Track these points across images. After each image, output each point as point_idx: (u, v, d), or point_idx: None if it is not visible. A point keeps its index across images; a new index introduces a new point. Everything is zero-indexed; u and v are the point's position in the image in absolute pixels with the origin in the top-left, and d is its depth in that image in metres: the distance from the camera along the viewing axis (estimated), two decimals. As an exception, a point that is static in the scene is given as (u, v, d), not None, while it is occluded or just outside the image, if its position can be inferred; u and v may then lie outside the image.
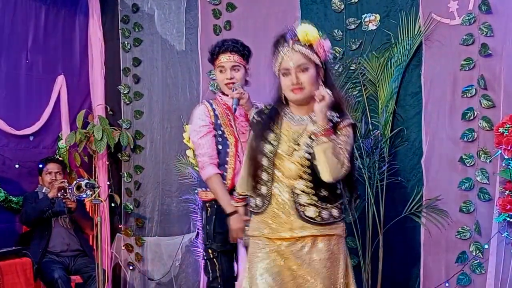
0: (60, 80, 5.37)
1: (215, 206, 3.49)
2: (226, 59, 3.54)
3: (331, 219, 2.72)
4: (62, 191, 4.62)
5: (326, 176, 2.63)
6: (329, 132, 2.60)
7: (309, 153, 2.65)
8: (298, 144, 2.69)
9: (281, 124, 2.76)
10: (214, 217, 3.50)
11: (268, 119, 2.79)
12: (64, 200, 4.63)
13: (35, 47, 5.18)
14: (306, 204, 2.69)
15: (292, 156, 2.69)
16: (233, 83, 3.51)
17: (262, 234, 2.75)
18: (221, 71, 3.56)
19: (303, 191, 2.69)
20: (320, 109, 2.60)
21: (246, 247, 3.03)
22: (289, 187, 2.70)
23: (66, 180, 4.79)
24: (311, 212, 2.69)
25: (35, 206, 4.67)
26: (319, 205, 2.70)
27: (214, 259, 3.48)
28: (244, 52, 3.58)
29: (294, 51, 2.69)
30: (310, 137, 2.66)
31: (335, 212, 2.74)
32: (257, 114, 2.88)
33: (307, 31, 2.71)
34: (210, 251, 3.50)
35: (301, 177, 2.69)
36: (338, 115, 2.72)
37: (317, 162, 2.62)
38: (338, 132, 2.69)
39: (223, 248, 3.49)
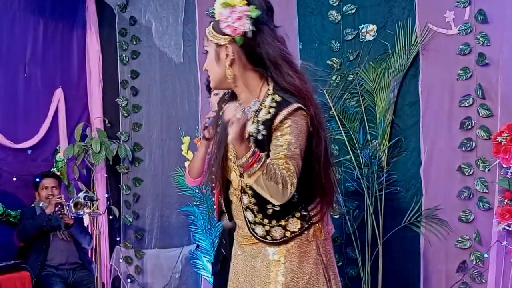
0: (58, 93, 5.38)
1: None
2: None
3: (286, 235, 2.24)
4: (59, 206, 4.60)
5: (274, 202, 2.15)
6: (253, 160, 2.03)
7: None
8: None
9: None
10: None
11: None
12: (61, 216, 4.61)
13: (33, 60, 5.19)
14: (253, 222, 2.27)
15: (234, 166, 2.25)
16: None
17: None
18: None
19: (248, 207, 2.27)
20: (230, 140, 2.04)
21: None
22: (239, 203, 2.31)
23: (62, 196, 4.78)
24: (259, 230, 2.26)
25: (32, 223, 4.65)
26: (266, 223, 2.25)
27: None
28: None
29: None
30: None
31: (292, 226, 2.24)
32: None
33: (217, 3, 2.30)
34: None
35: (244, 191, 2.27)
36: (274, 108, 2.17)
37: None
38: (276, 133, 2.14)
39: None
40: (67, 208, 4.56)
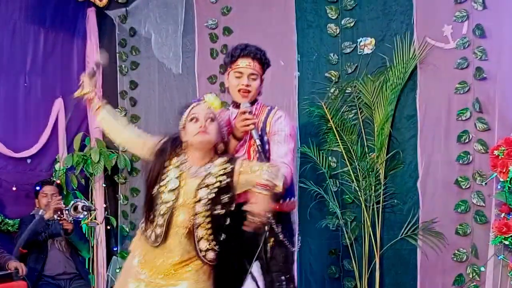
0: (58, 103, 5.40)
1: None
2: (246, 64, 3.24)
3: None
4: (59, 212, 4.61)
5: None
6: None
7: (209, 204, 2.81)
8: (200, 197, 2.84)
9: (176, 171, 2.90)
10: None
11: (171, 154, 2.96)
12: (60, 222, 4.62)
13: (33, 70, 5.22)
14: (206, 250, 2.87)
15: (193, 208, 2.84)
16: (249, 91, 3.25)
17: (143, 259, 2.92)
18: (237, 76, 3.25)
19: (202, 238, 2.86)
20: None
21: None
22: (191, 235, 2.86)
23: (61, 197, 4.79)
24: (210, 255, 2.87)
25: (30, 227, 4.65)
26: (217, 249, 2.89)
27: None
28: (265, 61, 3.31)
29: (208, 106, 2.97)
30: (208, 188, 2.84)
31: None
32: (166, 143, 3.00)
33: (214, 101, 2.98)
34: None
35: (200, 226, 2.86)
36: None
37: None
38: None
39: None
40: (67, 212, 4.56)
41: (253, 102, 3.32)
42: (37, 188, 4.92)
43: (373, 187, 4.46)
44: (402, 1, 4.51)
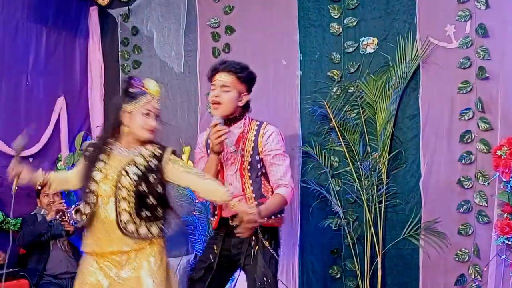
0: (60, 102, 5.40)
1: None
2: (219, 77, 3.39)
3: (149, 235, 3.09)
4: (61, 213, 4.61)
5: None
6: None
7: (135, 180, 3.04)
8: (126, 172, 3.06)
9: (110, 155, 3.14)
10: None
11: (99, 151, 3.16)
12: (62, 223, 4.62)
13: (35, 69, 5.22)
14: (127, 222, 3.05)
15: (119, 182, 3.06)
16: (219, 102, 3.35)
17: (93, 250, 3.12)
18: (212, 89, 3.43)
19: (125, 210, 3.05)
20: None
21: None
22: (114, 207, 3.05)
23: (63, 201, 4.79)
24: (131, 227, 3.05)
25: (33, 229, 4.65)
26: (138, 222, 3.07)
27: None
28: (241, 74, 3.39)
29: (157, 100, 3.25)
30: (136, 166, 3.07)
31: (154, 230, 3.11)
32: (90, 146, 3.25)
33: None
34: None
35: (124, 199, 3.04)
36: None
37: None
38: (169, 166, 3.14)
39: None
40: (68, 215, 4.57)
41: (240, 117, 3.41)
42: (39, 187, 4.92)
43: (375, 186, 4.46)
44: (405, 0, 4.50)
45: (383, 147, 4.45)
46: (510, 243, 3.95)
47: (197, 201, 4.93)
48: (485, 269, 4.14)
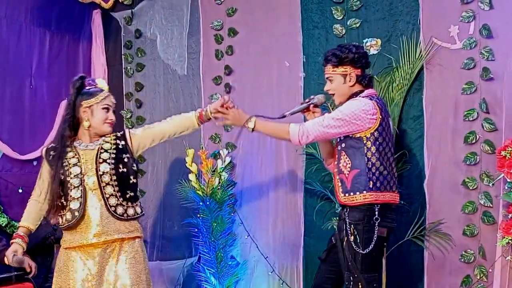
0: (64, 105, 5.40)
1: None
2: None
3: (136, 215, 3.39)
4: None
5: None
6: None
7: (113, 163, 3.32)
8: (103, 159, 3.33)
9: (77, 151, 3.38)
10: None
11: (63, 150, 3.36)
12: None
13: (39, 73, 5.23)
14: (116, 205, 3.30)
15: (99, 170, 3.30)
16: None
17: (77, 244, 3.28)
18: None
19: (111, 195, 3.30)
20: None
21: None
22: (101, 195, 3.28)
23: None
24: (120, 210, 3.31)
25: (36, 234, 4.64)
26: (125, 204, 3.34)
27: None
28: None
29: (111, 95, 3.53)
30: (108, 152, 3.36)
31: (138, 209, 3.43)
32: (50, 150, 3.46)
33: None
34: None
35: (108, 184, 3.30)
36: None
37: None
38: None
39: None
40: None
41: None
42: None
43: (379, 188, 4.44)
44: (408, 1, 4.49)
45: (387, 148, 4.43)
46: (515, 244, 3.95)
47: (201, 203, 4.90)
48: (490, 270, 4.13)
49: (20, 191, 4.94)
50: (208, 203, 4.84)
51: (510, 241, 3.94)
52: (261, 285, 4.97)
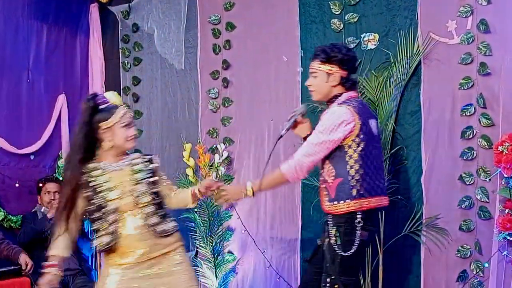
0: (61, 99, 5.40)
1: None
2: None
3: (175, 228, 3.30)
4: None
5: None
6: None
7: (149, 183, 3.22)
8: (138, 180, 3.20)
9: (107, 173, 3.18)
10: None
11: (89, 175, 3.17)
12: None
13: (36, 66, 5.22)
14: (157, 224, 3.20)
15: (136, 191, 3.18)
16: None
17: (122, 263, 3.16)
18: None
19: (151, 214, 3.19)
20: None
21: None
22: (139, 216, 3.17)
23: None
24: (160, 228, 3.21)
25: (33, 227, 4.65)
26: (163, 221, 3.23)
27: None
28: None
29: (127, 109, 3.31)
30: (141, 172, 3.22)
31: (173, 223, 3.29)
32: (73, 174, 3.19)
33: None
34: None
35: (147, 204, 3.19)
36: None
37: None
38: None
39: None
40: None
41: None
42: (40, 185, 4.92)
43: (376, 183, 4.44)
44: (406, -4, 4.50)
45: (384, 143, 4.43)
46: (511, 239, 3.95)
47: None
48: (487, 265, 4.14)
49: (17, 185, 4.94)
50: (205, 197, 4.83)
51: (506, 236, 3.95)
52: (258, 280, 4.97)
